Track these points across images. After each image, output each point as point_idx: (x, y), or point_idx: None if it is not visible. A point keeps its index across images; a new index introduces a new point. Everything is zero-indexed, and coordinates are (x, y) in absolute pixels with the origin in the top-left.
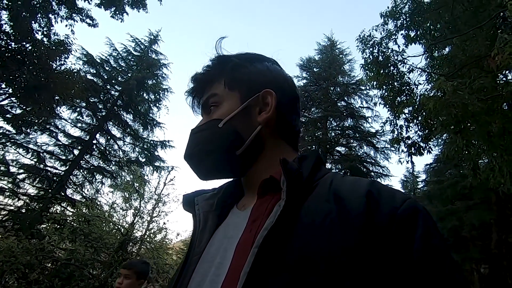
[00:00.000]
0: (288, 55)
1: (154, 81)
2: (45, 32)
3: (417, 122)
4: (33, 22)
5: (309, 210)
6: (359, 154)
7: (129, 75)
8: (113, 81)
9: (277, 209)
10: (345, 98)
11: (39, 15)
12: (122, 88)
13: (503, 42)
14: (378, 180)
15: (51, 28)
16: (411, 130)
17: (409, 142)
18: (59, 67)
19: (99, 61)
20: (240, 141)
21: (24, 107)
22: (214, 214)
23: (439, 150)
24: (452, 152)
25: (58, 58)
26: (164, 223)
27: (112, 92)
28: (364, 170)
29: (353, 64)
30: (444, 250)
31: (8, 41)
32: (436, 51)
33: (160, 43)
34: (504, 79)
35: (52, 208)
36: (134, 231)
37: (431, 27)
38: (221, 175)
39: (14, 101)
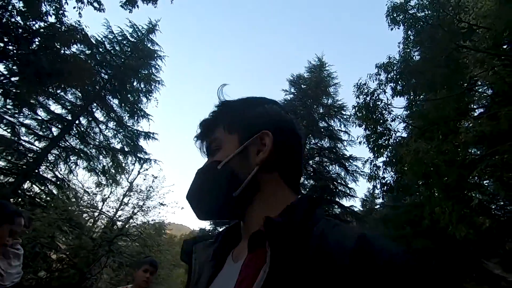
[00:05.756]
0: (284, 68)
1: (147, 71)
2: (59, 15)
3: (393, 166)
4: (44, 2)
5: (296, 271)
6: (331, 172)
7: (122, 60)
8: (104, 64)
9: (263, 275)
10: (326, 119)
11: None
12: (113, 72)
13: (467, 128)
14: (344, 199)
15: (62, 10)
16: (387, 172)
17: (384, 181)
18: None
19: (94, 42)
20: (237, 183)
21: (26, 90)
22: (209, 265)
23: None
24: (418, 200)
25: (70, 44)
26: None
27: (102, 75)
28: (334, 189)
29: (338, 88)
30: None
31: (21, 19)
32: (415, 107)
33: (158, 33)
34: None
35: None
36: (119, 223)
37: (414, 81)
38: (219, 217)
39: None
